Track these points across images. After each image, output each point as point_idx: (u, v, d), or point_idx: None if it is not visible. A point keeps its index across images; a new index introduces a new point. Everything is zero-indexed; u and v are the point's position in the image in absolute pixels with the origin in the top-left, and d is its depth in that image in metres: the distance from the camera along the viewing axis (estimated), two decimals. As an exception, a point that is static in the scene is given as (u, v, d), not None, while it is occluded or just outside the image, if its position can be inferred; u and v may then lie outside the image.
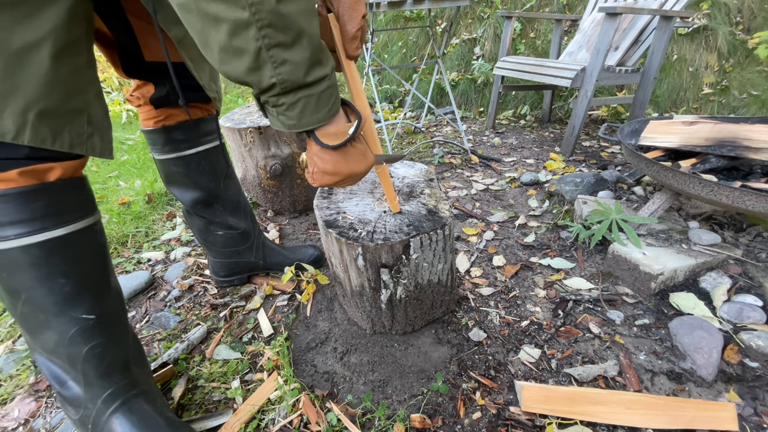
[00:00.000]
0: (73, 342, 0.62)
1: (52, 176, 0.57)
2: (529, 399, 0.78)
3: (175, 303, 1.17)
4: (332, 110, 0.54)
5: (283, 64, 0.45)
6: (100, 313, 0.65)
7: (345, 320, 1.03)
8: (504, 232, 1.44)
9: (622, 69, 2.04)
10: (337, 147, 0.56)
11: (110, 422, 0.66)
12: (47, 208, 0.57)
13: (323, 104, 0.52)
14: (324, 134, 0.56)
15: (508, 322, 1.01)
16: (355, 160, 0.60)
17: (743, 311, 0.95)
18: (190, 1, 0.41)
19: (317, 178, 0.61)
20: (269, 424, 0.79)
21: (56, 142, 0.54)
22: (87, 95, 0.56)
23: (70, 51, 0.52)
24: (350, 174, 0.61)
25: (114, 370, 0.68)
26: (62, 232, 0.59)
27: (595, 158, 2.09)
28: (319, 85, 0.50)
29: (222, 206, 1.04)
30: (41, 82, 0.50)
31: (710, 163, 1.20)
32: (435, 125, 2.96)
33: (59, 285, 0.60)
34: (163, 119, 0.88)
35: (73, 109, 0.55)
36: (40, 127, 0.52)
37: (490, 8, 3.35)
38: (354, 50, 0.60)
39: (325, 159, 0.58)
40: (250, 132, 1.41)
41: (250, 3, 0.41)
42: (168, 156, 0.92)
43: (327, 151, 0.57)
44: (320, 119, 0.53)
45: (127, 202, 1.78)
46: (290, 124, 0.52)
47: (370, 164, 0.63)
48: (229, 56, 0.45)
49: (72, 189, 0.61)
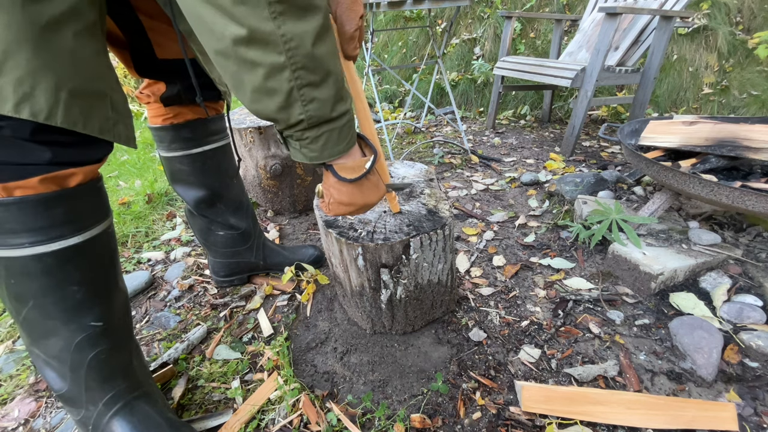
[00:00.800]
0: (78, 349, 0.61)
1: (73, 182, 0.56)
2: (529, 399, 0.78)
3: (175, 303, 1.17)
4: (351, 142, 0.57)
5: (311, 102, 0.47)
6: (107, 320, 0.64)
7: (345, 320, 1.03)
8: (504, 232, 1.44)
9: (622, 69, 2.04)
10: (354, 180, 0.59)
11: (111, 424, 0.66)
12: (65, 215, 0.56)
13: (344, 137, 0.55)
14: (342, 168, 0.58)
15: (508, 322, 1.01)
16: (369, 191, 0.63)
17: (743, 311, 0.94)
18: (229, 48, 0.42)
19: (333, 208, 0.64)
20: (269, 424, 0.79)
21: (87, 125, 0.52)
22: (109, 80, 0.55)
23: (89, 33, 0.51)
24: (364, 204, 0.64)
25: (117, 374, 0.67)
26: (78, 240, 0.58)
27: (595, 158, 2.09)
28: (342, 118, 0.52)
29: (225, 206, 1.04)
30: (69, 60, 0.48)
31: (710, 163, 1.20)
32: (435, 125, 2.96)
33: (71, 293, 0.59)
34: (172, 117, 0.88)
35: (98, 92, 0.53)
36: (72, 108, 0.50)
37: (490, 8, 3.35)
38: (352, 50, 0.60)
39: (341, 191, 0.61)
40: (250, 132, 1.41)
41: (287, 48, 0.42)
42: (174, 154, 0.92)
43: (344, 184, 0.60)
44: (341, 151, 0.55)
45: (127, 202, 1.78)
46: (312, 156, 0.54)
47: (382, 194, 0.66)
48: (262, 96, 0.46)
49: (90, 194, 0.60)
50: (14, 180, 0.51)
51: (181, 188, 0.98)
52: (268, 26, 0.41)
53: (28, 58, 0.45)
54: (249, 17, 0.40)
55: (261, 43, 0.42)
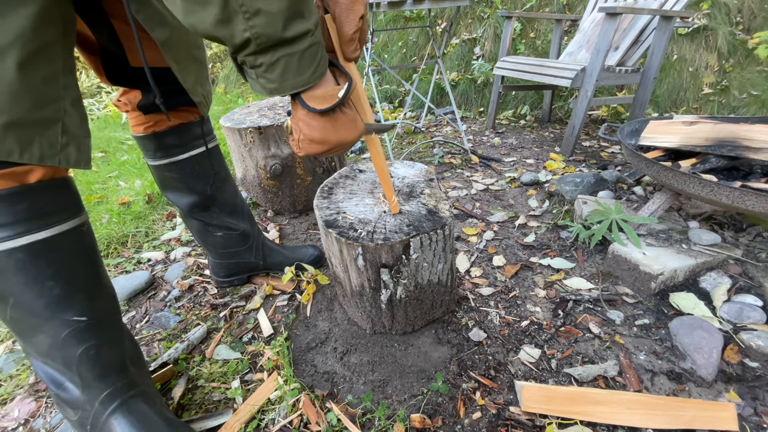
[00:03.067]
0: (66, 344, 0.62)
1: (32, 178, 0.55)
2: (529, 399, 0.78)
3: (175, 303, 1.17)
4: (318, 71, 0.49)
5: (256, 15, 0.41)
6: (92, 315, 0.64)
7: (345, 320, 1.03)
8: (504, 232, 1.44)
9: (622, 69, 2.04)
10: (325, 111, 0.52)
11: (109, 423, 0.66)
12: (29, 210, 0.55)
13: (307, 64, 0.47)
14: (311, 97, 0.51)
15: (508, 322, 1.01)
16: (344, 127, 0.55)
17: (743, 311, 0.94)
18: None
19: (303, 146, 0.57)
20: (269, 424, 0.79)
21: (24, 154, 0.51)
22: (61, 103, 0.54)
23: (41, 57, 0.49)
24: (339, 142, 0.56)
25: (111, 371, 0.67)
26: (46, 234, 0.57)
27: (595, 158, 2.09)
28: (302, 41, 0.45)
29: (219, 209, 1.03)
30: (6, 92, 0.47)
31: (710, 163, 1.20)
32: (435, 125, 2.96)
33: (47, 288, 0.59)
34: (153, 125, 0.86)
35: (44, 119, 0.52)
36: (6, 140, 0.49)
37: (490, 8, 3.35)
38: (352, 53, 0.58)
39: (312, 125, 0.54)
40: (250, 132, 1.41)
41: None
42: (161, 162, 0.90)
43: (314, 116, 0.53)
44: (305, 81, 0.49)
45: (127, 202, 1.78)
46: (271, 87, 0.48)
47: (360, 132, 0.59)
48: (194, 5, 0.40)
49: (55, 190, 0.59)
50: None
51: (173, 195, 0.97)
52: None
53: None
54: None
55: None
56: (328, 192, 0.97)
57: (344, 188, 0.99)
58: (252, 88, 0.51)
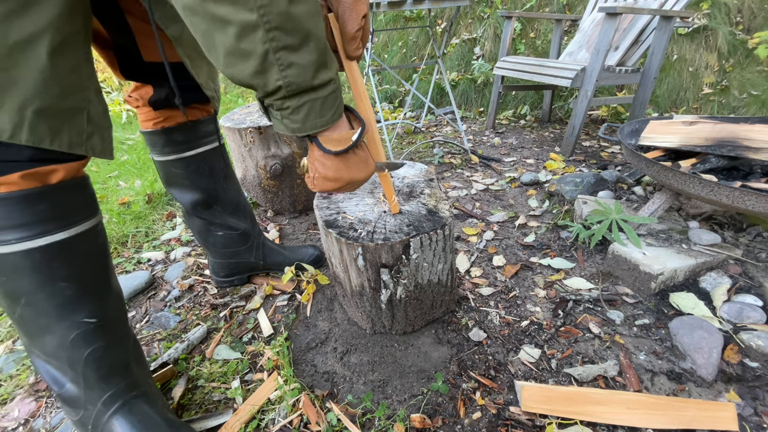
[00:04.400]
0: (74, 346, 0.62)
1: (55, 178, 0.56)
2: (529, 399, 0.78)
3: (175, 303, 1.17)
4: (336, 113, 0.54)
5: (290, 67, 0.45)
6: (101, 317, 0.64)
7: (345, 320, 1.03)
8: (504, 232, 1.44)
9: (622, 69, 2.04)
10: (339, 153, 0.56)
11: (110, 423, 0.66)
12: (50, 211, 0.56)
13: (328, 107, 0.52)
14: (327, 139, 0.56)
15: (508, 322, 1.01)
16: (356, 166, 0.60)
17: (743, 311, 0.94)
18: (197, 3, 0.40)
19: (318, 183, 0.61)
20: (269, 424, 0.79)
21: (55, 141, 0.52)
22: (87, 92, 0.55)
23: (68, 46, 0.50)
24: (351, 180, 0.61)
25: (115, 372, 0.67)
26: (65, 235, 0.58)
27: (595, 158, 2.09)
28: (326, 88, 0.50)
29: (222, 207, 1.03)
30: (39, 78, 0.48)
31: (710, 163, 1.20)
32: (435, 125, 2.96)
33: (60, 289, 0.59)
34: (163, 121, 0.87)
35: (72, 107, 0.53)
36: (38, 126, 0.50)
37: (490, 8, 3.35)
38: (354, 51, 0.59)
39: (326, 165, 0.58)
40: (250, 132, 1.41)
41: (258, 5, 0.40)
42: (167, 158, 0.91)
43: (329, 156, 0.57)
44: (325, 122, 0.53)
45: (127, 202, 1.78)
46: (294, 127, 0.52)
47: (371, 171, 0.63)
48: (236, 59, 0.44)
49: (75, 191, 0.59)
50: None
51: (177, 191, 0.98)
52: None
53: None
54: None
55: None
56: (328, 192, 0.97)
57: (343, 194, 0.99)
58: (275, 127, 0.55)
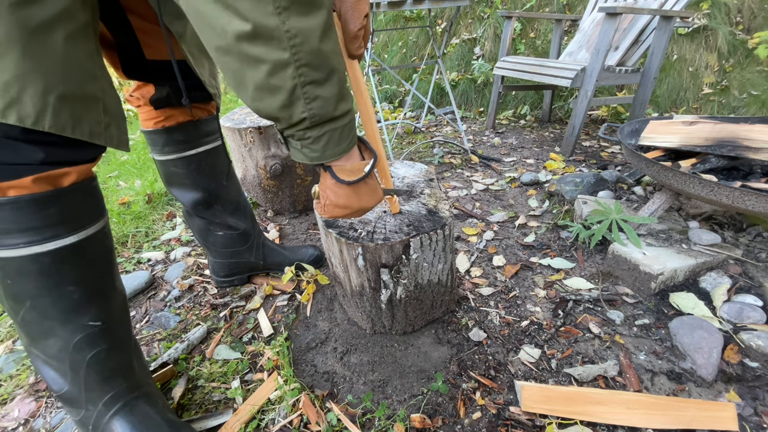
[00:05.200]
0: (77, 349, 0.61)
1: (67, 181, 0.55)
2: (529, 399, 0.78)
3: (175, 303, 1.17)
4: (352, 142, 0.56)
5: (314, 100, 0.47)
6: (105, 319, 0.64)
7: (345, 320, 1.03)
8: (504, 232, 1.44)
9: (622, 69, 2.04)
10: (352, 183, 0.58)
11: (111, 424, 0.66)
12: (60, 215, 0.55)
13: (345, 136, 0.54)
14: (341, 170, 0.57)
15: (508, 322, 1.01)
16: (366, 195, 0.62)
17: (743, 311, 0.94)
18: (231, 44, 0.41)
19: (329, 210, 0.63)
20: (269, 424, 0.79)
21: (77, 129, 0.51)
22: (101, 82, 0.55)
23: (81, 34, 0.50)
24: (360, 208, 0.63)
25: (116, 374, 0.67)
26: (74, 239, 0.57)
27: (595, 158, 2.09)
28: (344, 118, 0.52)
29: (222, 207, 1.03)
30: (59, 64, 0.48)
31: (710, 163, 1.20)
32: (435, 125, 2.96)
33: (68, 293, 0.58)
34: (163, 120, 0.87)
35: (90, 95, 0.52)
36: (61, 112, 0.49)
37: (490, 8, 3.35)
38: (356, 50, 0.60)
39: (338, 193, 0.60)
40: (250, 132, 1.41)
41: (291, 45, 0.42)
42: (168, 157, 0.91)
43: (341, 186, 0.59)
44: (342, 150, 0.55)
45: (127, 202, 1.78)
46: (314, 156, 0.54)
47: (379, 199, 0.66)
48: (264, 94, 0.45)
49: (85, 193, 0.59)
50: (7, 180, 0.50)
51: (177, 191, 0.98)
52: (272, 21, 0.40)
53: (15, 63, 0.45)
54: (253, 12, 0.39)
55: (265, 39, 0.41)
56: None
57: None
58: (292, 156, 0.57)
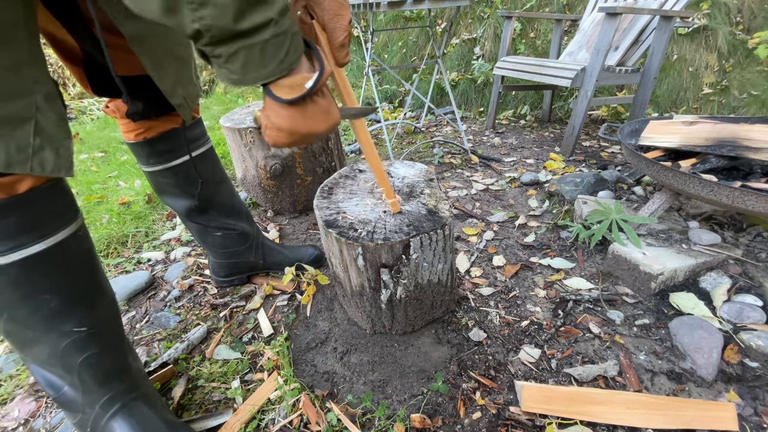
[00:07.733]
0: (66, 353, 0.59)
1: (22, 188, 0.50)
2: (529, 399, 0.78)
3: (175, 303, 1.17)
4: (286, 62, 0.45)
5: (203, 6, 0.37)
6: (92, 324, 0.61)
7: (345, 320, 1.03)
8: (504, 232, 1.44)
9: (622, 69, 2.04)
10: (292, 102, 0.48)
11: (109, 426, 0.66)
12: (20, 223, 0.50)
13: (271, 56, 0.43)
14: (278, 87, 0.47)
15: (508, 322, 1.01)
16: (314, 117, 0.51)
17: (743, 311, 0.94)
18: None
19: (271, 136, 0.53)
20: (269, 424, 0.79)
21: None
22: (32, 98, 0.47)
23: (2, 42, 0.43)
24: (309, 133, 0.52)
25: (112, 376, 0.66)
26: (40, 247, 0.52)
27: (595, 158, 2.09)
28: (261, 33, 0.41)
29: (216, 211, 1.02)
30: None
31: (710, 163, 1.20)
32: (435, 125, 2.96)
33: (44, 301, 0.55)
34: (144, 132, 0.83)
35: (11, 117, 0.45)
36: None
37: (490, 8, 3.35)
38: (344, 58, 0.57)
39: (280, 114, 0.49)
40: (250, 132, 1.41)
41: None
42: (154, 168, 0.88)
43: (282, 105, 0.49)
44: (270, 73, 0.45)
45: (127, 202, 1.78)
46: (234, 78, 0.44)
47: (334, 122, 0.54)
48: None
49: (48, 198, 0.53)
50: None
51: (169, 199, 0.96)
52: None
53: None
54: None
55: None
56: (328, 192, 0.97)
57: (344, 188, 0.99)
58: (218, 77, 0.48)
